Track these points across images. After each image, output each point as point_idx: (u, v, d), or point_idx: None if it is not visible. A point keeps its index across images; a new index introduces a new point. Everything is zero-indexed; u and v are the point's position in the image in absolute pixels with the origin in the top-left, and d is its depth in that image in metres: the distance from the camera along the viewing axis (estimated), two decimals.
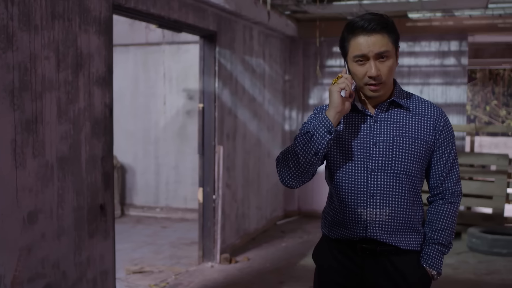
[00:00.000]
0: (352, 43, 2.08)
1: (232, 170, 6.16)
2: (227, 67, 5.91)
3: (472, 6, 6.65)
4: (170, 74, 8.36)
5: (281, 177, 2.16)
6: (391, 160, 2.10)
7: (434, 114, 2.16)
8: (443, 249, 2.17)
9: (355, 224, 2.13)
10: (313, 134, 2.05)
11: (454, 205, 2.20)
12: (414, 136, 2.12)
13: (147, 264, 5.83)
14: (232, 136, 6.11)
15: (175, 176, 8.51)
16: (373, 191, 2.11)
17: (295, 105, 8.23)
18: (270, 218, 7.56)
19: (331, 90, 2.07)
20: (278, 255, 6.15)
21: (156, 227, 7.69)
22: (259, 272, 5.51)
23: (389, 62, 2.07)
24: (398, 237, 2.13)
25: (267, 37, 7.21)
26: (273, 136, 7.59)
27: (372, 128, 2.14)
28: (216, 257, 5.73)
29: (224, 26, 5.79)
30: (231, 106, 6.06)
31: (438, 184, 2.20)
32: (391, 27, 2.08)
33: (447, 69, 7.72)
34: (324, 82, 8.19)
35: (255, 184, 6.93)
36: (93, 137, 3.67)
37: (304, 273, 5.46)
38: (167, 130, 8.48)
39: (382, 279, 2.13)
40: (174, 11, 4.72)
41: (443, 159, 2.17)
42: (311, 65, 8.22)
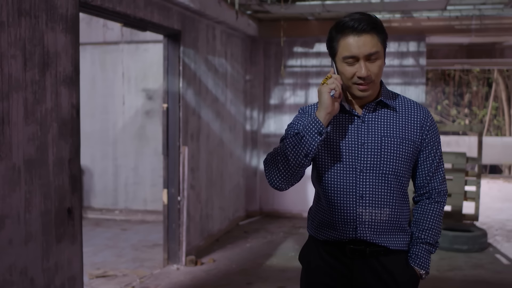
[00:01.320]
0: (341, 43, 2.06)
1: (196, 171, 6.08)
2: (191, 66, 5.84)
3: (432, 8, 6.78)
4: (129, 73, 8.22)
5: (270, 179, 2.13)
6: (380, 161, 2.10)
7: (420, 114, 2.17)
8: (430, 248, 2.18)
9: (345, 225, 2.12)
10: (303, 136, 2.02)
11: (441, 204, 2.21)
12: (401, 136, 2.12)
13: (110, 268, 5.70)
14: (196, 137, 6.04)
15: (134, 177, 8.36)
16: (362, 192, 2.10)
17: (256, 105, 8.21)
18: (232, 218, 7.52)
19: (321, 91, 2.04)
20: (244, 255, 6.11)
21: (116, 230, 7.53)
22: (225, 273, 5.46)
23: (378, 62, 2.06)
24: (387, 237, 2.12)
25: (229, 36, 7.16)
26: (235, 136, 7.55)
27: (360, 129, 2.13)
28: (182, 259, 5.65)
29: (188, 25, 5.72)
30: (195, 106, 5.99)
31: (425, 183, 2.21)
32: (380, 27, 2.07)
33: (406, 69, 7.84)
34: (285, 82, 8.20)
35: (218, 184, 6.87)
36: (60, 139, 3.55)
37: (271, 274, 5.44)
38: (125, 130, 8.32)
39: (372, 280, 2.13)
40: (139, 10, 4.62)
41: (429, 158, 2.18)
42: (271, 65, 8.21)
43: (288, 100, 8.19)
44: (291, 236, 7.05)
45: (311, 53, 8.10)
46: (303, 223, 7.80)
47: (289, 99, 8.19)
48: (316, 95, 7.99)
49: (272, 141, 8.24)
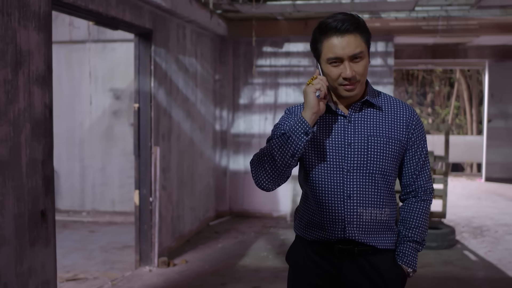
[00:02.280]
0: (325, 44, 2.06)
1: (168, 171, 6.02)
2: (162, 66, 5.78)
3: (400, 9, 6.86)
4: (96, 73, 8.09)
5: (257, 180, 2.11)
6: (367, 160, 2.10)
7: (406, 113, 2.18)
8: (417, 246, 2.20)
9: (333, 225, 2.11)
10: (290, 136, 2.01)
11: (427, 203, 2.23)
12: (388, 135, 2.13)
13: (80, 270, 5.60)
14: (167, 137, 5.98)
15: (101, 178, 8.24)
16: (350, 192, 2.10)
17: (226, 105, 8.18)
18: (203, 219, 7.47)
19: (307, 91, 2.04)
20: (216, 256, 6.08)
21: (84, 232, 7.40)
22: (199, 274, 5.42)
23: (363, 62, 2.07)
24: (375, 236, 2.13)
25: (199, 36, 7.12)
26: (205, 136, 7.50)
27: (347, 129, 2.13)
28: (154, 261, 5.59)
29: (159, 24, 5.66)
30: (166, 106, 5.92)
31: (411, 182, 2.22)
32: (363, 26, 2.08)
33: (374, 69, 7.92)
34: (255, 81, 8.19)
35: (189, 185, 6.82)
36: (33, 140, 3.46)
37: (245, 274, 5.42)
38: (93, 131, 8.19)
39: (360, 279, 2.13)
40: (111, 8, 4.55)
41: (415, 157, 2.20)
42: (241, 64, 8.19)
43: (258, 99, 8.18)
44: (262, 236, 7.04)
45: (280, 53, 8.11)
46: (273, 222, 7.81)
47: (258, 98, 8.18)
48: (285, 94, 8.05)
49: (242, 141, 8.23)
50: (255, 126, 8.21)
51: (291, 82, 8.11)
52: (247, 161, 8.23)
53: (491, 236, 7.07)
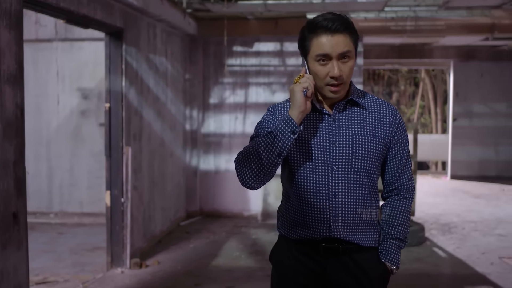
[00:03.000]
0: (314, 42, 2.06)
1: (139, 171, 5.96)
2: (133, 65, 5.72)
3: (370, 9, 6.93)
4: (63, 72, 7.96)
5: (242, 178, 2.11)
6: (351, 159, 2.12)
7: (389, 112, 2.20)
8: (400, 244, 2.22)
9: (318, 223, 2.12)
10: (276, 135, 2.01)
11: (409, 200, 2.26)
12: (372, 134, 2.15)
13: (49, 273, 5.50)
14: (138, 137, 5.92)
15: (69, 179, 8.11)
16: (335, 190, 2.11)
17: (196, 105, 8.14)
18: (174, 219, 7.42)
19: (294, 90, 2.04)
20: (188, 256, 6.04)
21: (52, 234, 7.27)
22: (172, 275, 5.38)
23: (350, 63, 2.08)
24: (360, 234, 2.15)
25: (169, 35, 7.06)
26: (175, 136, 7.45)
27: (331, 127, 2.14)
28: (126, 262, 5.52)
29: (130, 23, 5.59)
30: (137, 106, 5.86)
31: (394, 180, 2.24)
32: (352, 28, 2.09)
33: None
34: (225, 81, 8.17)
35: (160, 185, 6.76)
36: (4, 141, 3.39)
37: (219, 274, 5.41)
38: (60, 131, 8.06)
39: (345, 277, 2.14)
40: (83, 6, 4.48)
41: (398, 155, 2.22)
42: (211, 64, 8.16)
43: (228, 99, 8.17)
44: (234, 235, 7.03)
45: (250, 52, 8.11)
46: (244, 222, 7.80)
47: (228, 98, 8.17)
48: (255, 94, 8.04)
49: (212, 140, 8.20)
50: (225, 125, 8.19)
51: (261, 82, 8.11)
52: (217, 160, 8.21)
53: (458, 233, 7.20)
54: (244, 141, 8.11)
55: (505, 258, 5.99)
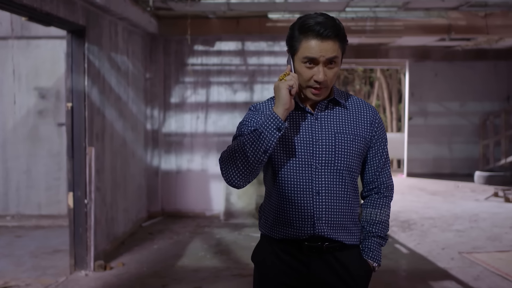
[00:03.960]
0: (303, 44, 2.06)
1: (102, 172, 5.86)
2: (96, 64, 5.61)
3: (332, 9, 7.00)
4: (20, 71, 7.75)
5: (227, 177, 2.09)
6: (334, 157, 2.13)
7: (369, 112, 2.23)
8: (381, 241, 2.26)
9: (302, 222, 2.13)
10: (262, 132, 2.01)
11: (389, 199, 2.29)
12: (353, 133, 2.17)
13: (9, 278, 5.34)
14: (101, 137, 5.82)
15: (26, 181, 7.90)
16: (318, 189, 2.12)
17: (157, 104, 8.05)
18: (136, 220, 7.33)
19: (280, 87, 2.04)
20: (153, 258, 5.98)
21: (10, 237, 7.07)
22: (138, 277, 5.31)
23: (335, 69, 2.10)
24: (343, 232, 2.17)
25: (130, 34, 6.97)
26: (136, 136, 7.36)
27: (314, 126, 2.16)
28: (90, 265, 5.42)
29: (92, 21, 5.49)
30: (99, 105, 5.76)
31: (374, 178, 2.27)
32: (343, 34, 2.10)
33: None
34: (186, 80, 8.11)
35: (122, 186, 6.67)
36: None
37: (185, 274, 5.37)
38: (17, 131, 7.84)
39: (328, 276, 2.16)
40: (46, 3, 4.37)
41: (378, 154, 2.25)
42: (172, 63, 8.10)
43: (189, 98, 8.12)
44: (197, 235, 6.99)
45: (212, 52, 8.08)
46: (207, 222, 7.77)
47: (190, 97, 8.12)
48: (217, 93, 8.02)
49: (174, 140, 8.13)
50: (186, 125, 8.14)
51: (222, 81, 8.09)
52: (179, 160, 8.15)
53: (418, 230, 7.35)
54: (206, 140, 8.09)
55: (465, 253, 6.14)
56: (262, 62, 8.04)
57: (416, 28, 7.81)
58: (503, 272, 5.39)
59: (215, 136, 8.13)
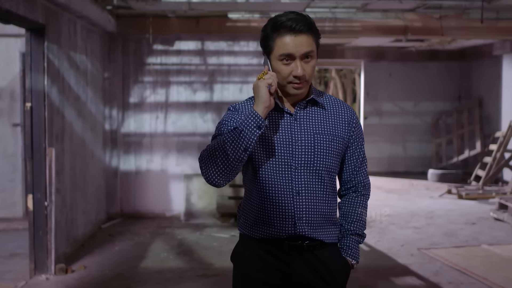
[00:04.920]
0: (278, 42, 2.09)
1: (61, 173, 5.74)
2: (55, 63, 5.50)
3: (292, 9, 7.02)
4: None
5: (207, 175, 2.08)
6: (313, 157, 2.16)
7: (347, 112, 2.27)
8: (359, 239, 2.29)
9: (283, 222, 2.14)
10: (242, 130, 2.01)
11: (366, 197, 2.33)
12: (332, 133, 2.20)
13: None
14: (60, 137, 5.70)
15: None
16: (298, 188, 2.14)
17: (115, 104, 7.94)
18: (95, 222, 7.21)
19: (259, 85, 2.05)
20: (115, 260, 5.89)
21: None
22: (101, 279, 5.23)
23: (313, 62, 2.12)
24: (322, 231, 2.19)
25: (89, 32, 6.85)
26: (95, 136, 7.24)
27: (293, 126, 2.17)
28: (51, 268, 5.30)
29: (52, 19, 5.37)
30: (59, 105, 5.65)
31: (351, 178, 2.31)
32: (315, 28, 2.14)
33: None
34: (145, 80, 8.03)
35: (81, 187, 6.55)
36: None
37: (149, 276, 5.32)
38: None
39: (309, 274, 2.18)
40: (6, 0, 4.25)
41: (355, 154, 2.29)
42: (130, 62, 8.00)
43: (149, 98, 8.03)
44: (159, 236, 6.93)
45: (171, 51, 8.02)
46: (167, 222, 7.71)
47: (149, 97, 8.03)
48: (176, 93, 7.97)
49: (133, 140, 8.04)
50: (146, 125, 8.05)
51: (182, 81, 8.05)
52: (138, 161, 8.05)
53: (377, 227, 7.48)
54: (166, 140, 8.03)
55: (423, 249, 6.29)
56: (222, 62, 8.03)
57: (374, 29, 7.94)
58: (461, 267, 5.55)
59: (175, 136, 8.08)
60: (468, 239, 6.77)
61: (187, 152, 8.07)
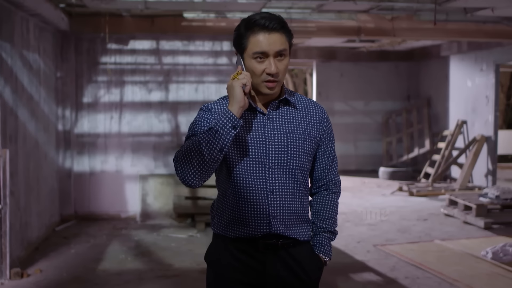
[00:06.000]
0: (251, 40, 2.11)
1: (15, 175, 5.60)
2: (8, 62, 5.36)
3: (248, 10, 7.08)
4: None
5: (183, 176, 2.08)
6: (287, 156, 2.19)
7: (318, 111, 2.31)
8: (331, 236, 2.34)
9: (258, 221, 2.17)
10: (217, 130, 2.03)
11: (337, 195, 2.38)
12: (304, 132, 2.23)
13: None
14: (14, 138, 5.56)
15: None
16: (272, 187, 2.17)
17: (69, 104, 7.79)
18: (49, 224, 7.05)
19: (233, 85, 2.07)
20: (72, 262, 5.78)
21: None
22: (58, 283, 5.13)
23: (285, 61, 2.16)
24: (296, 229, 2.23)
25: (41, 31, 6.69)
26: (48, 137, 7.08)
27: (266, 126, 2.20)
28: (6, 273, 5.16)
29: (4, 17, 5.23)
30: (12, 105, 5.51)
31: (323, 176, 2.35)
32: (287, 27, 2.17)
33: (220, 68, 8.08)
34: (99, 79, 7.91)
35: (35, 189, 6.40)
36: None
37: (108, 278, 5.25)
38: None
39: (283, 271, 2.21)
40: None
41: (326, 152, 2.33)
42: (84, 61, 7.86)
43: (103, 98, 7.91)
44: (115, 238, 6.84)
45: (125, 50, 7.92)
46: (123, 224, 7.62)
47: (103, 97, 7.91)
48: (131, 92, 7.89)
49: (86, 141, 7.90)
50: (100, 125, 7.93)
51: (137, 80, 7.96)
52: (92, 162, 7.92)
53: None
54: (121, 141, 7.93)
55: (379, 245, 6.43)
56: (177, 61, 7.99)
57: (328, 30, 8.06)
58: (417, 262, 5.70)
59: (130, 137, 7.99)
60: (421, 235, 6.96)
61: (143, 153, 8.00)
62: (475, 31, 8.31)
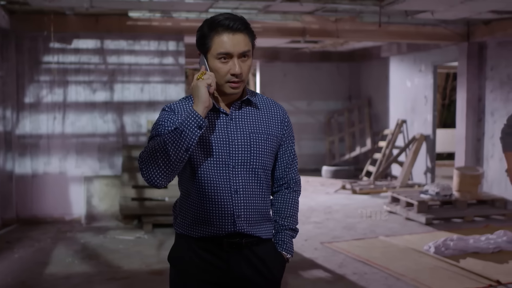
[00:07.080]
0: (216, 40, 2.13)
1: None
2: None
3: (195, 10, 7.07)
4: None
5: (148, 177, 2.09)
6: (250, 156, 2.22)
7: (279, 111, 2.36)
8: (293, 233, 2.39)
9: (222, 220, 2.19)
10: (183, 130, 2.04)
11: (298, 193, 2.44)
12: (267, 132, 2.28)
13: None
14: None
15: None
16: (236, 187, 2.20)
17: (9, 104, 7.55)
18: None
19: (198, 85, 2.09)
20: (16, 267, 5.63)
21: None
22: None
23: (249, 62, 2.19)
24: (259, 228, 2.27)
25: None
26: None
27: (229, 126, 2.23)
28: None
29: None
30: None
31: (284, 174, 2.40)
32: (251, 29, 2.20)
33: (166, 68, 8.04)
34: (41, 79, 7.72)
35: None
36: None
37: (56, 282, 5.15)
38: None
39: (247, 269, 2.24)
40: None
41: (287, 151, 2.38)
42: (25, 61, 7.65)
43: (45, 98, 7.73)
44: (61, 241, 6.70)
45: (69, 49, 7.77)
46: (68, 227, 7.46)
47: (46, 97, 7.73)
48: (75, 92, 7.75)
49: (28, 142, 7.70)
50: (42, 126, 7.74)
51: (81, 80, 7.82)
52: (34, 164, 7.73)
53: None
54: (64, 142, 7.77)
55: (326, 243, 6.56)
56: (123, 61, 7.90)
57: (274, 30, 8.14)
58: (363, 258, 5.85)
59: (74, 137, 7.83)
60: (366, 232, 7.14)
61: (87, 154, 7.86)
62: (415, 34, 8.59)
